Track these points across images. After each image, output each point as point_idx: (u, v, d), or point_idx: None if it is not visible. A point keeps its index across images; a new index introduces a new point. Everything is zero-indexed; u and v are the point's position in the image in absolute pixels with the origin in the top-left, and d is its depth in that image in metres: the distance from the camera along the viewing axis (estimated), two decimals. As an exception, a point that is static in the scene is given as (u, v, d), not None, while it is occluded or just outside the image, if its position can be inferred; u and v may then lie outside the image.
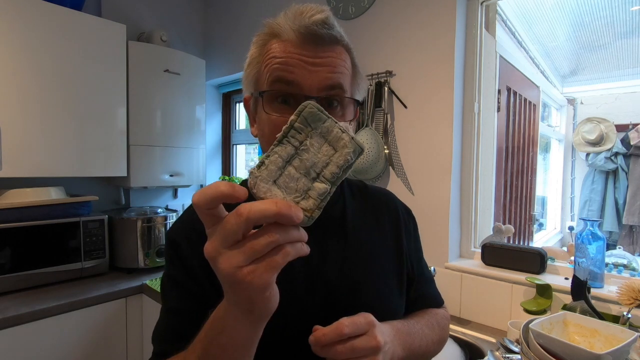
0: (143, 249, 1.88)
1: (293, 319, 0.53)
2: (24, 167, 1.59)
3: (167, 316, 0.57)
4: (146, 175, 2.01)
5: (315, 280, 0.57)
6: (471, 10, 1.47)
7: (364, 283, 0.59)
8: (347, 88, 0.55)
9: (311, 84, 0.51)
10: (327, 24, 0.52)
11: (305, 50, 0.51)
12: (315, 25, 0.51)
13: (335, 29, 0.53)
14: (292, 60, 0.51)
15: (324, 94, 0.52)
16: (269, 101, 0.53)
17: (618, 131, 3.04)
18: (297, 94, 0.51)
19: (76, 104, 1.72)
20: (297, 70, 0.51)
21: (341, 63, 0.54)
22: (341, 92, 0.53)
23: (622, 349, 0.63)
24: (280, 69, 0.51)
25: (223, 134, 2.75)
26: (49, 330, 1.46)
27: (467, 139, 1.49)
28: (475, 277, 1.39)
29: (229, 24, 2.38)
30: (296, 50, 0.51)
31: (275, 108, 0.53)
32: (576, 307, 1.04)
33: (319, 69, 0.51)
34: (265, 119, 0.54)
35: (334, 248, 0.59)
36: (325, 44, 0.52)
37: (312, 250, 0.58)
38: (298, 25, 0.51)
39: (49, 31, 1.63)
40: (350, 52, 0.57)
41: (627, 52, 2.75)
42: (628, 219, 2.91)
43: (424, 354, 0.60)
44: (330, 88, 0.52)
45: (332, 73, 0.52)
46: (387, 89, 1.56)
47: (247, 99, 0.61)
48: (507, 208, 2.05)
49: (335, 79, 0.52)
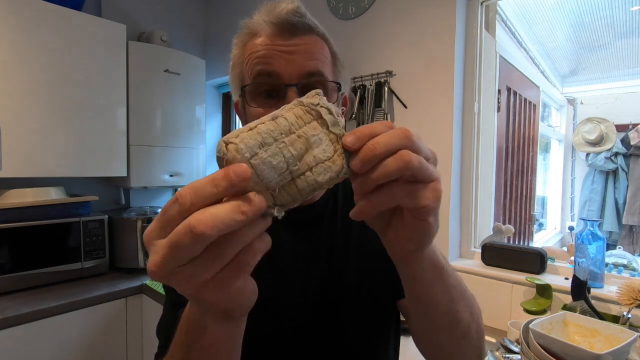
0: (143, 249, 1.88)
1: (285, 313, 0.54)
2: (24, 167, 1.59)
3: (170, 309, 0.57)
4: (146, 175, 2.01)
5: (306, 275, 0.57)
6: (471, 10, 1.47)
7: (353, 278, 0.59)
8: (328, 74, 0.55)
9: (290, 72, 0.51)
10: (299, 13, 0.53)
11: (280, 40, 0.52)
12: (287, 15, 0.52)
13: (306, 17, 0.54)
14: (269, 52, 0.52)
15: (304, 81, 0.52)
16: (253, 96, 0.54)
17: (618, 131, 3.04)
18: (278, 84, 0.52)
19: (76, 104, 1.72)
20: (274, 61, 0.51)
21: (318, 51, 0.54)
22: (321, 78, 0.53)
23: (622, 349, 0.63)
24: (260, 62, 0.52)
25: (223, 134, 2.74)
26: (49, 330, 1.46)
27: (467, 139, 1.49)
28: (475, 277, 1.39)
29: (229, 24, 2.38)
30: (272, 42, 0.52)
31: (259, 102, 0.53)
32: (576, 307, 1.04)
33: (296, 56, 0.52)
34: (252, 115, 0.54)
35: (324, 243, 0.59)
36: (299, 32, 0.53)
37: (302, 245, 0.58)
38: (270, 17, 0.52)
39: (49, 31, 1.63)
40: (327, 42, 0.57)
41: (627, 52, 2.75)
42: (628, 219, 2.91)
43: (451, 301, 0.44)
44: (310, 75, 0.52)
45: (310, 60, 0.52)
46: (387, 89, 1.56)
47: (236, 103, 0.61)
48: (507, 208, 2.05)
49: (314, 66, 0.52)
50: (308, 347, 0.55)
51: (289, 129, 0.29)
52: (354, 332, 0.57)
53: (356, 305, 0.56)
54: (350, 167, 0.30)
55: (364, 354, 0.58)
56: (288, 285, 0.56)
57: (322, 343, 0.56)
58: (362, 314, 0.58)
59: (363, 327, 0.58)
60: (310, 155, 0.30)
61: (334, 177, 0.30)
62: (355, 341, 0.57)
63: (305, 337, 0.55)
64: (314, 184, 0.29)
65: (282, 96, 0.51)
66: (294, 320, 0.55)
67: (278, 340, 0.54)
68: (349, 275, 0.58)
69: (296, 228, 0.58)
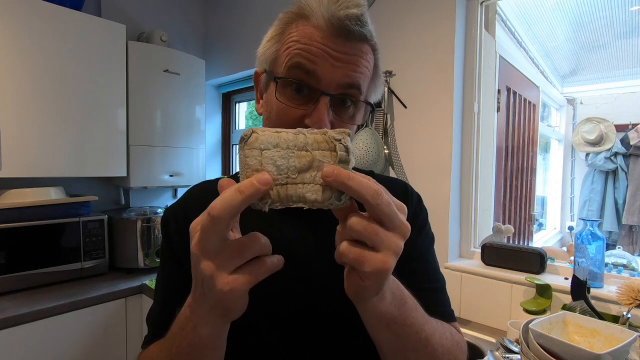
0: (143, 249, 1.88)
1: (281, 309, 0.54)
2: (24, 167, 1.59)
3: (161, 299, 0.60)
4: (146, 175, 2.01)
5: (304, 270, 0.56)
6: (471, 10, 1.47)
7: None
8: (364, 90, 0.53)
9: (331, 78, 0.49)
10: (361, 21, 0.49)
11: (331, 42, 0.48)
12: (348, 20, 0.48)
13: (367, 27, 0.50)
14: (316, 50, 0.48)
15: (341, 92, 0.50)
16: (283, 86, 0.51)
17: (618, 131, 3.04)
18: (314, 87, 0.49)
19: (76, 104, 1.72)
20: (319, 61, 0.48)
21: (365, 63, 0.51)
22: (357, 93, 0.51)
23: (621, 349, 0.63)
24: (302, 56, 0.49)
25: (223, 134, 2.75)
26: (49, 330, 1.46)
27: (467, 139, 1.49)
28: (475, 277, 1.39)
29: (229, 24, 2.38)
30: (322, 40, 0.48)
31: (287, 95, 0.51)
32: (576, 307, 1.04)
33: (342, 64, 0.49)
34: (275, 102, 0.52)
35: (324, 239, 0.59)
36: (354, 40, 0.49)
37: (303, 241, 0.58)
38: (330, 14, 0.48)
39: (49, 31, 1.62)
40: (375, 53, 0.54)
41: (627, 52, 2.75)
42: (628, 219, 2.91)
43: (425, 347, 0.45)
44: (349, 87, 0.50)
45: (354, 72, 0.50)
46: (387, 89, 1.56)
47: (258, 73, 0.58)
48: (507, 208, 2.05)
49: (355, 79, 0.50)
50: (307, 338, 0.55)
51: (303, 146, 0.35)
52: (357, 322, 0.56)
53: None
54: (337, 201, 0.34)
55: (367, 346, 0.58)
56: (285, 282, 0.56)
57: (327, 332, 0.55)
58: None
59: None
60: (310, 174, 0.34)
61: (319, 201, 0.34)
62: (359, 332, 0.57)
63: (306, 326, 0.55)
64: (300, 197, 0.34)
65: (313, 100, 0.49)
66: (293, 306, 0.55)
67: (278, 328, 0.54)
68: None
69: (305, 222, 0.59)
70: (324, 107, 0.49)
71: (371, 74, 0.54)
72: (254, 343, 0.54)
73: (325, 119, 0.49)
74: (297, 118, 0.50)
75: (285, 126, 0.52)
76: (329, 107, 0.49)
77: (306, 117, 0.50)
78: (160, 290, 0.61)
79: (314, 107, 0.49)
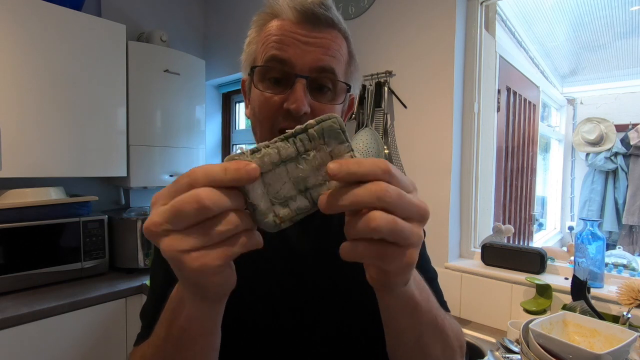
0: (143, 249, 1.88)
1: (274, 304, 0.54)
2: (24, 167, 1.59)
3: (152, 293, 0.59)
4: (146, 175, 2.01)
5: (298, 269, 0.56)
6: (471, 10, 1.47)
7: (359, 278, 0.58)
8: (340, 74, 0.54)
9: (303, 63, 0.51)
10: (325, 5, 0.52)
11: (300, 29, 0.52)
12: (312, 5, 0.51)
13: (332, 11, 0.53)
14: (287, 39, 0.51)
15: (314, 75, 0.52)
16: (261, 79, 0.53)
17: (618, 131, 3.04)
18: (289, 72, 0.51)
19: (76, 104, 1.72)
20: (290, 49, 0.51)
21: (335, 47, 0.53)
22: (332, 76, 0.53)
23: (621, 349, 0.63)
24: (275, 47, 0.52)
25: (223, 134, 2.75)
26: (49, 330, 1.46)
27: (467, 139, 1.49)
28: (475, 277, 1.39)
29: (229, 24, 2.38)
30: (292, 29, 0.52)
31: (266, 86, 0.53)
32: (576, 307, 1.04)
33: (312, 49, 0.51)
34: (256, 97, 0.54)
35: (317, 238, 0.59)
36: (321, 25, 0.52)
37: (297, 240, 0.58)
38: (295, 3, 0.52)
39: (49, 31, 1.62)
40: (347, 40, 0.56)
41: (627, 52, 2.75)
42: (628, 219, 2.91)
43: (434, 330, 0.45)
44: (322, 70, 0.52)
45: (325, 55, 0.52)
46: (387, 89, 1.56)
47: (244, 80, 0.61)
48: (507, 208, 2.05)
49: (327, 62, 0.52)
50: (307, 337, 0.55)
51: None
52: (361, 317, 0.56)
53: (360, 300, 0.55)
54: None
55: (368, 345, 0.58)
56: (277, 280, 0.55)
57: (325, 333, 0.55)
58: (367, 305, 0.58)
59: (368, 314, 0.57)
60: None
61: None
62: (359, 329, 0.57)
63: (306, 326, 0.55)
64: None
65: (290, 85, 0.51)
66: (293, 306, 0.55)
67: (275, 328, 0.54)
68: (342, 267, 0.58)
69: (309, 229, 0.58)
70: (301, 88, 0.50)
71: (345, 59, 0.56)
72: (250, 337, 0.54)
73: (303, 99, 0.50)
74: (278, 105, 0.52)
75: (268, 117, 0.52)
76: (306, 89, 0.51)
77: (285, 102, 0.51)
78: (154, 284, 0.60)
79: (291, 91, 0.51)
